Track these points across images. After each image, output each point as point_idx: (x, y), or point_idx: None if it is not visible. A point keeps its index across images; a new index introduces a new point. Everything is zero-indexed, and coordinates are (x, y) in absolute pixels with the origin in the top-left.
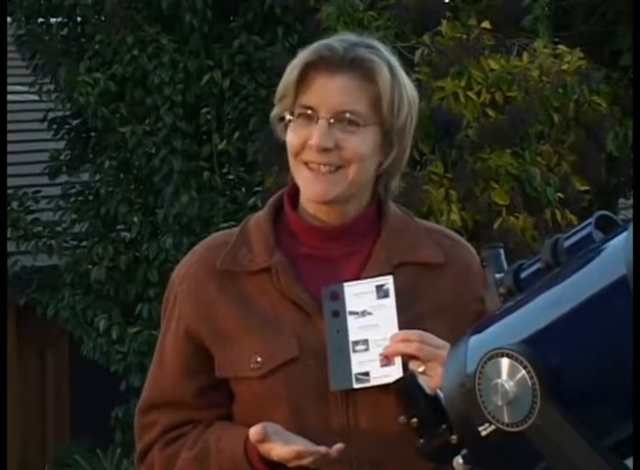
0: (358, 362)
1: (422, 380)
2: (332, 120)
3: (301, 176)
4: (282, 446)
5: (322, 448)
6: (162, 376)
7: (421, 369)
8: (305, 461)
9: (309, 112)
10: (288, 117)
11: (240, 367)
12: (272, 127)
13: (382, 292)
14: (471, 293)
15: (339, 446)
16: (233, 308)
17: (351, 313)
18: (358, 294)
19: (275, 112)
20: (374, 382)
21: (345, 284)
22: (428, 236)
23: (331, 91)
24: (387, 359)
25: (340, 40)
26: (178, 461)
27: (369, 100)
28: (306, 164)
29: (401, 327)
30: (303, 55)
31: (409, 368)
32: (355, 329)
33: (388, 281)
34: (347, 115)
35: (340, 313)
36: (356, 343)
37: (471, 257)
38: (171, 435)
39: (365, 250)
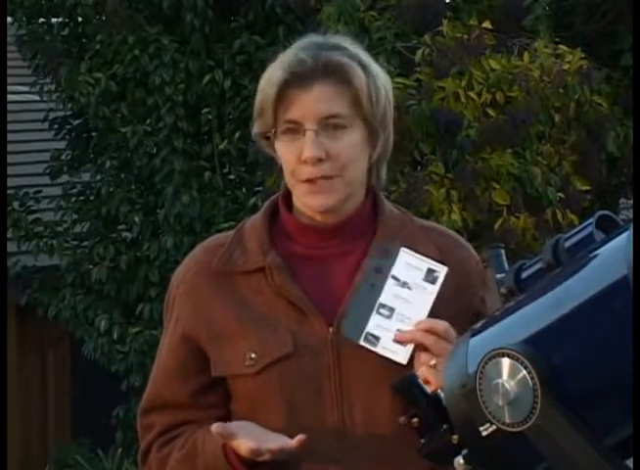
0: (375, 324)
1: (431, 373)
2: (318, 130)
3: (300, 191)
4: (243, 442)
5: (272, 446)
6: (159, 378)
7: (432, 363)
8: (264, 458)
9: (294, 126)
10: (272, 134)
11: (235, 365)
12: (257, 143)
13: (431, 276)
14: (468, 291)
15: (299, 437)
16: (229, 309)
17: (394, 278)
18: (409, 264)
19: (256, 129)
20: (379, 350)
21: (403, 248)
22: (424, 234)
23: (311, 102)
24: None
25: (305, 49)
26: (169, 462)
27: (349, 101)
28: (304, 181)
29: None
30: (275, 74)
31: (419, 359)
32: (389, 294)
33: (442, 271)
34: (332, 119)
35: (382, 272)
36: (383, 306)
37: (468, 255)
38: (168, 436)
39: (361, 248)
